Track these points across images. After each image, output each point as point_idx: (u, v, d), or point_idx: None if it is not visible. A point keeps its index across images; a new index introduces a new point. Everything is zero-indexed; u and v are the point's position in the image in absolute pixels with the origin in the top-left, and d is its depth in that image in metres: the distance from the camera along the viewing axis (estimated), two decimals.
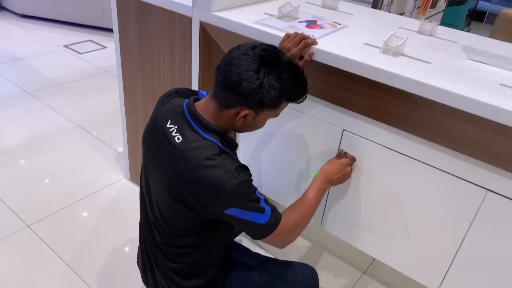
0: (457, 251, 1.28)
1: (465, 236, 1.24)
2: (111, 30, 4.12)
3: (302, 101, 1.14)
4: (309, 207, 1.22)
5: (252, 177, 1.10)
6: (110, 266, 1.75)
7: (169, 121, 1.13)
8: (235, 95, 1.04)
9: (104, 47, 3.87)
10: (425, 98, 1.10)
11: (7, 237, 1.83)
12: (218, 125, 1.10)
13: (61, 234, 1.87)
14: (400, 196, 1.33)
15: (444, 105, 1.08)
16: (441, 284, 1.37)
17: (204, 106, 1.11)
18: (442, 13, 2.94)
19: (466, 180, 1.18)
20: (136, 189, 2.18)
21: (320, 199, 1.25)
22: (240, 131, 1.18)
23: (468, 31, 4.02)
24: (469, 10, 3.29)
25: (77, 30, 4.15)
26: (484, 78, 1.16)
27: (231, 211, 1.06)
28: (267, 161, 1.66)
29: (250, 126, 1.14)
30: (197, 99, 1.16)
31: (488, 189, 1.15)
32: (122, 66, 1.90)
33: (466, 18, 3.35)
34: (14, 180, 2.16)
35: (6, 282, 1.63)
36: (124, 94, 1.97)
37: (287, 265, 1.35)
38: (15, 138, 2.49)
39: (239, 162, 1.10)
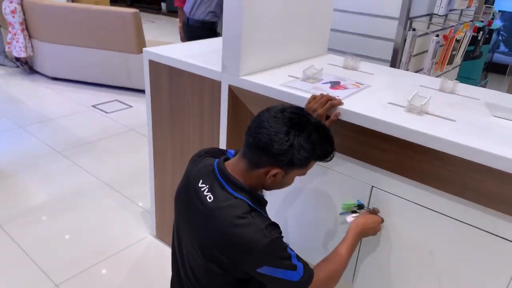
0: None
1: None
2: (136, 90, 4.36)
3: (330, 159, 1.17)
4: (341, 262, 1.21)
5: (282, 234, 1.11)
6: None
7: (201, 181, 1.17)
8: (266, 155, 1.08)
9: (130, 106, 4.04)
10: (452, 155, 1.12)
11: None
12: (248, 183, 1.13)
13: None
14: (432, 253, 1.31)
15: (471, 161, 1.10)
16: None
17: (234, 166, 1.15)
18: (458, 67, 3.02)
19: (498, 236, 1.16)
20: (162, 247, 2.19)
21: (352, 254, 1.25)
22: (269, 189, 1.21)
23: (486, 83, 4.08)
24: (485, 63, 3.38)
25: (104, 90, 4.36)
26: (508, 135, 1.19)
27: (264, 270, 1.07)
28: (294, 218, 1.67)
29: (279, 184, 1.17)
30: (227, 159, 1.21)
31: None
32: (152, 127, 1.98)
33: (483, 71, 3.43)
34: (43, 239, 2.20)
35: None
36: (154, 155, 2.04)
37: None
38: (45, 196, 2.57)
39: (269, 219, 1.12)
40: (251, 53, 1.51)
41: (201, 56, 1.77)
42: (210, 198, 1.12)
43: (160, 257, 2.12)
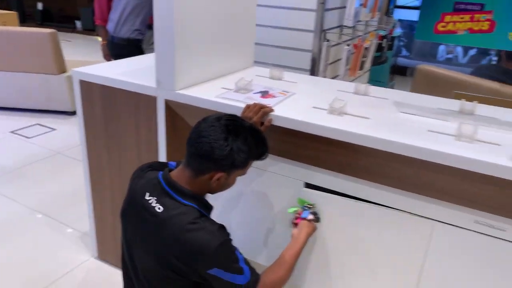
0: (419, 278, 1.44)
1: (423, 264, 1.41)
2: (58, 112, 4.20)
3: (265, 158, 1.30)
4: (287, 268, 1.29)
5: (229, 238, 1.20)
6: None
7: (147, 194, 1.23)
8: (208, 162, 1.17)
9: (53, 129, 3.88)
10: (370, 147, 1.31)
11: None
12: (194, 190, 1.22)
13: None
14: (362, 240, 1.48)
15: (387, 152, 1.29)
16: None
17: (179, 175, 1.23)
18: (368, 72, 3.35)
19: (414, 214, 1.37)
20: (106, 267, 2.16)
21: (296, 260, 1.33)
22: (214, 192, 1.29)
23: (393, 85, 4.54)
24: (390, 67, 3.79)
25: (23, 115, 4.14)
26: (414, 127, 1.40)
27: (214, 271, 1.15)
28: (237, 220, 1.77)
29: (223, 186, 1.27)
30: (170, 170, 1.28)
31: (435, 220, 1.35)
32: (87, 146, 1.97)
33: (390, 74, 3.84)
34: None
35: None
36: (90, 174, 2.02)
37: None
38: None
39: (218, 223, 1.20)
40: (185, 68, 1.60)
41: (133, 73, 1.81)
42: (159, 208, 1.19)
43: (105, 278, 2.09)
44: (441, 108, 1.58)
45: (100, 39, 3.41)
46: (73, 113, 4.26)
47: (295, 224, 1.45)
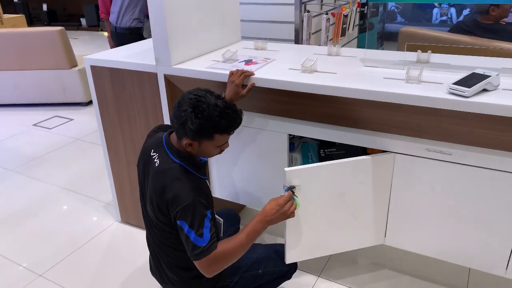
0: (388, 206, 1.71)
1: (390, 191, 1.68)
2: (73, 104, 4.53)
3: (232, 132, 1.42)
4: (240, 244, 1.38)
5: (206, 203, 1.36)
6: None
7: (153, 150, 1.52)
8: (177, 129, 1.42)
9: (71, 119, 4.21)
10: (334, 96, 1.57)
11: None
12: (183, 151, 1.47)
13: (71, 276, 2.14)
14: (341, 194, 1.67)
15: (347, 98, 1.55)
16: (385, 236, 1.79)
17: (173, 137, 1.50)
18: (356, 39, 3.56)
19: (386, 151, 1.63)
20: (129, 228, 2.49)
21: (253, 239, 1.40)
22: (199, 157, 1.50)
23: (382, 49, 4.71)
24: (377, 33, 3.97)
25: (42, 109, 4.49)
26: (373, 76, 1.65)
27: (181, 223, 1.34)
28: (238, 175, 2.06)
29: (200, 153, 1.45)
30: (171, 132, 1.55)
31: (395, 152, 1.61)
32: (103, 125, 2.27)
33: (377, 40, 4.02)
34: (18, 243, 2.41)
35: None
36: (108, 149, 2.33)
37: (270, 246, 1.72)
38: (9, 208, 2.74)
39: (201, 186, 1.42)
40: (178, 46, 1.87)
41: (135, 55, 2.09)
42: (156, 163, 1.47)
43: (128, 238, 2.42)
44: (401, 60, 1.82)
45: (106, 33, 3.71)
46: (87, 103, 4.59)
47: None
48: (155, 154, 1.50)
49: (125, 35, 3.42)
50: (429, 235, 1.70)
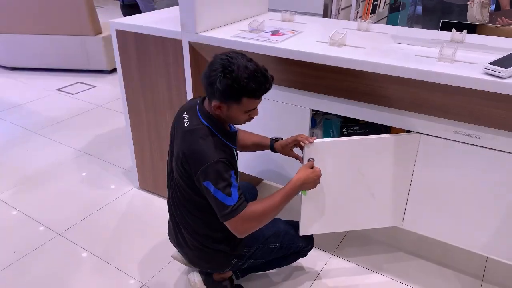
0: (409, 188, 1.67)
1: (412, 173, 1.64)
2: (96, 71, 4.56)
3: (260, 97, 1.38)
4: (272, 205, 1.40)
5: (229, 165, 1.36)
6: (136, 251, 2.07)
7: (185, 112, 1.53)
8: (206, 90, 1.41)
9: (93, 86, 4.24)
10: (362, 71, 1.52)
11: (43, 245, 2.13)
12: (213, 115, 1.47)
13: (89, 236, 2.19)
14: (363, 168, 1.65)
15: (376, 73, 1.50)
16: (403, 218, 1.76)
17: (206, 101, 1.50)
18: (386, 18, 3.45)
19: (403, 132, 1.59)
20: (146, 195, 2.52)
21: (285, 201, 1.42)
22: (227, 122, 1.49)
23: None
24: (408, 14, 3.83)
25: (66, 75, 4.53)
26: (404, 53, 1.59)
27: (207, 184, 1.34)
28: None
29: (228, 118, 1.43)
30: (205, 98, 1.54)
31: (421, 133, 1.56)
32: (126, 92, 2.27)
33: (407, 21, 3.88)
34: (38, 201, 2.47)
35: (46, 280, 1.93)
36: (129, 114, 2.34)
37: (290, 222, 1.72)
38: (32, 169, 2.81)
39: (226, 150, 1.41)
40: (204, 13, 1.83)
41: (160, 22, 2.07)
42: (186, 123, 1.48)
43: (146, 203, 2.45)
44: (434, 39, 1.75)
45: None
46: (109, 71, 4.61)
47: None
48: (186, 116, 1.51)
49: (133, 5, 3.38)
50: (449, 221, 1.66)
